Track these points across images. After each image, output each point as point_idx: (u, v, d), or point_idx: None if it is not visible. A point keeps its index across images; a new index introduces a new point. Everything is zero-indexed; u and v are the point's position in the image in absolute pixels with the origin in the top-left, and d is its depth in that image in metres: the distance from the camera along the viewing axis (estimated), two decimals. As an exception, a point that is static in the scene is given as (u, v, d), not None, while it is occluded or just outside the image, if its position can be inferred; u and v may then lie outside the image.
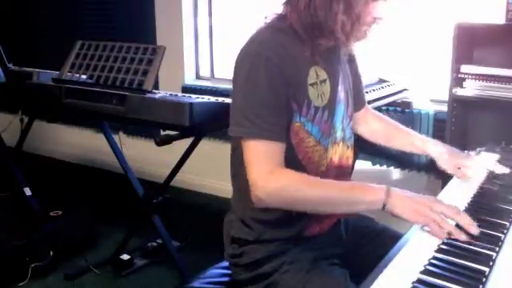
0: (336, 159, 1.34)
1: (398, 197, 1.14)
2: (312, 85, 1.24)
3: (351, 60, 1.45)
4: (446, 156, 1.48)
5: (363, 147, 1.83)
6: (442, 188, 1.40)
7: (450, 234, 1.06)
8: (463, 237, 1.05)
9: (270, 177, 1.15)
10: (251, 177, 1.17)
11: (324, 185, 1.19)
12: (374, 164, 2.88)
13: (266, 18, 1.28)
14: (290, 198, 1.17)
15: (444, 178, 1.52)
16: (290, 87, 1.20)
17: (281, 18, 1.25)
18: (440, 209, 1.10)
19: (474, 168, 1.45)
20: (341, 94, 1.33)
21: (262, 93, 1.17)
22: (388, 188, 1.15)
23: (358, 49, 1.34)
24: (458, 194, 1.32)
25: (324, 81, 1.27)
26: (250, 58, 1.19)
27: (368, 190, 1.16)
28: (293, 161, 1.23)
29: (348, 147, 1.39)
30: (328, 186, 1.19)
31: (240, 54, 1.23)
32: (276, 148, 1.18)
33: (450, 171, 1.46)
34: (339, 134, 1.34)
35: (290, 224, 1.29)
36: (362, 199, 1.16)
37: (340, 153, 1.35)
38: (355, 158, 1.47)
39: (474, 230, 1.06)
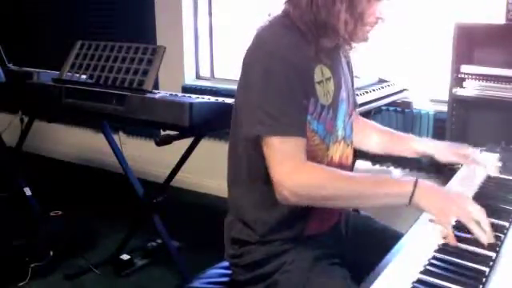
0: (336, 158, 1.34)
1: (427, 189, 1.10)
2: (319, 83, 1.24)
3: (348, 61, 1.45)
4: (444, 148, 1.47)
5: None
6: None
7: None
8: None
9: (296, 174, 1.13)
10: (276, 176, 1.14)
11: (351, 179, 1.17)
12: (373, 164, 2.88)
13: (269, 15, 1.26)
14: (318, 195, 1.15)
15: (443, 177, 1.52)
16: (302, 85, 1.19)
17: (284, 15, 1.24)
18: (468, 208, 1.06)
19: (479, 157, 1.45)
20: (343, 93, 1.33)
21: (281, 90, 1.15)
22: (416, 180, 1.11)
23: (359, 49, 1.33)
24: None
25: (329, 79, 1.27)
26: (265, 56, 1.17)
27: (396, 183, 1.15)
28: None
29: (348, 145, 1.39)
30: (355, 181, 1.17)
31: (251, 52, 1.21)
32: (300, 144, 1.16)
33: (454, 160, 1.45)
34: (340, 133, 1.34)
35: (291, 224, 1.28)
36: (389, 192, 1.13)
37: (341, 151, 1.35)
38: (355, 157, 1.47)
39: (488, 240, 1.03)
